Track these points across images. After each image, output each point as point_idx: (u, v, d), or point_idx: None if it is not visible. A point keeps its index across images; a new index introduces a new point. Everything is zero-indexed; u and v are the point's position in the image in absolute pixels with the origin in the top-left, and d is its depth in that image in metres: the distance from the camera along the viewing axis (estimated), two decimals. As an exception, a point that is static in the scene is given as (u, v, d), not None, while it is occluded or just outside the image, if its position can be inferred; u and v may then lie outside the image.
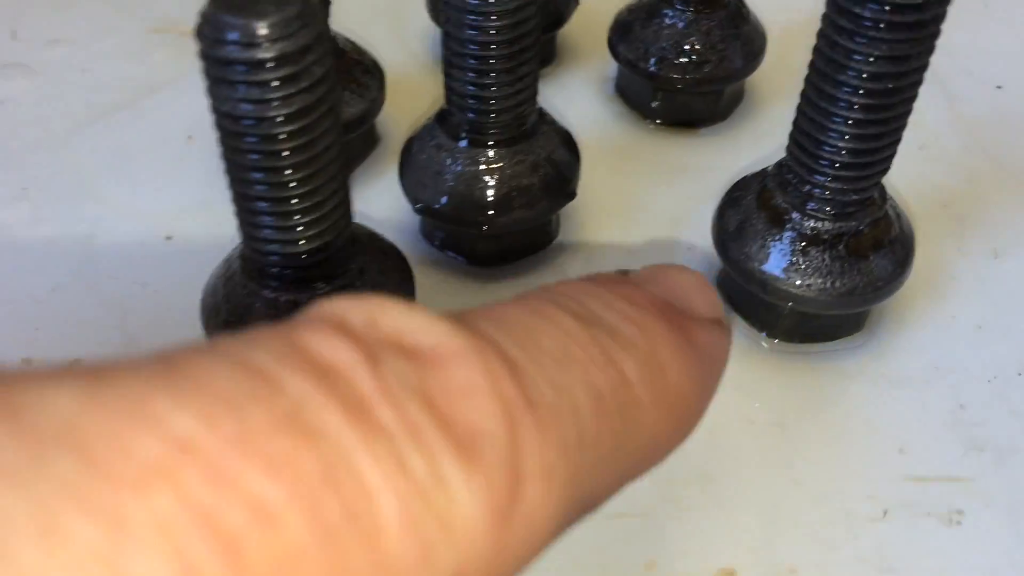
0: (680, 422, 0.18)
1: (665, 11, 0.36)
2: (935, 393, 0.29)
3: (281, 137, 0.23)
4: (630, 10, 0.38)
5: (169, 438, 0.11)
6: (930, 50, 0.25)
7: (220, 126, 0.23)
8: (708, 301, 0.20)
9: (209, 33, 0.21)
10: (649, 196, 0.36)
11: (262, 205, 0.24)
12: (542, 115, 0.32)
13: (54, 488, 0.10)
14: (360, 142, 0.37)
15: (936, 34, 0.25)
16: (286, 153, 0.23)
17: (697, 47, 0.36)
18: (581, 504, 0.16)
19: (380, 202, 0.36)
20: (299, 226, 0.25)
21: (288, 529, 0.11)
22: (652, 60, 0.36)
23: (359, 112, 0.35)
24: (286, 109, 0.22)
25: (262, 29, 0.21)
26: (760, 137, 0.39)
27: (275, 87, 0.21)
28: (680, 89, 0.37)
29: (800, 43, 0.39)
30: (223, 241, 0.29)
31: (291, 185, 0.24)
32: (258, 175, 0.23)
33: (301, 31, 0.21)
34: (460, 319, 0.15)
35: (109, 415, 0.11)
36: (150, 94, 0.42)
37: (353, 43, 0.36)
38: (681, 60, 0.36)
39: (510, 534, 0.13)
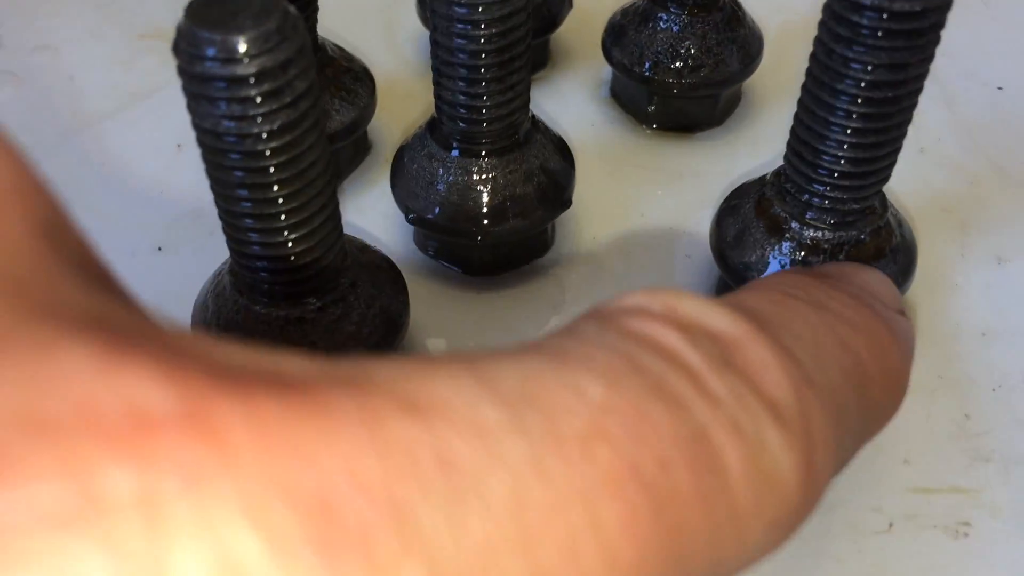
0: (896, 397, 0.20)
1: (659, 15, 0.35)
2: (939, 403, 0.29)
3: (266, 153, 0.22)
4: (623, 13, 0.37)
5: (590, 402, 0.13)
6: (930, 57, 0.25)
7: (202, 142, 0.22)
8: (892, 294, 0.22)
9: (186, 48, 0.20)
10: (645, 203, 0.36)
11: (249, 222, 0.24)
12: (535, 123, 0.31)
13: (536, 441, 0.12)
14: (351, 150, 0.37)
15: (936, 41, 0.25)
16: (272, 169, 0.22)
17: (692, 51, 0.35)
18: (836, 471, 0.18)
19: (373, 211, 0.36)
20: (288, 242, 0.24)
21: (676, 476, 0.13)
22: (647, 64, 0.36)
23: (349, 120, 0.34)
24: (269, 125, 0.21)
25: (241, 44, 0.20)
26: (757, 142, 0.38)
27: (257, 103, 0.21)
28: (676, 94, 0.36)
29: (797, 45, 0.38)
30: (215, 251, 0.28)
31: (278, 201, 0.23)
32: (244, 192, 0.23)
33: (281, 45, 0.20)
34: (725, 304, 0.17)
35: (543, 383, 0.13)
36: (138, 102, 0.41)
37: (342, 50, 0.36)
38: (676, 64, 0.35)
39: (808, 493, 0.15)
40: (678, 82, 0.35)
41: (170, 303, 0.32)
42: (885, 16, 0.24)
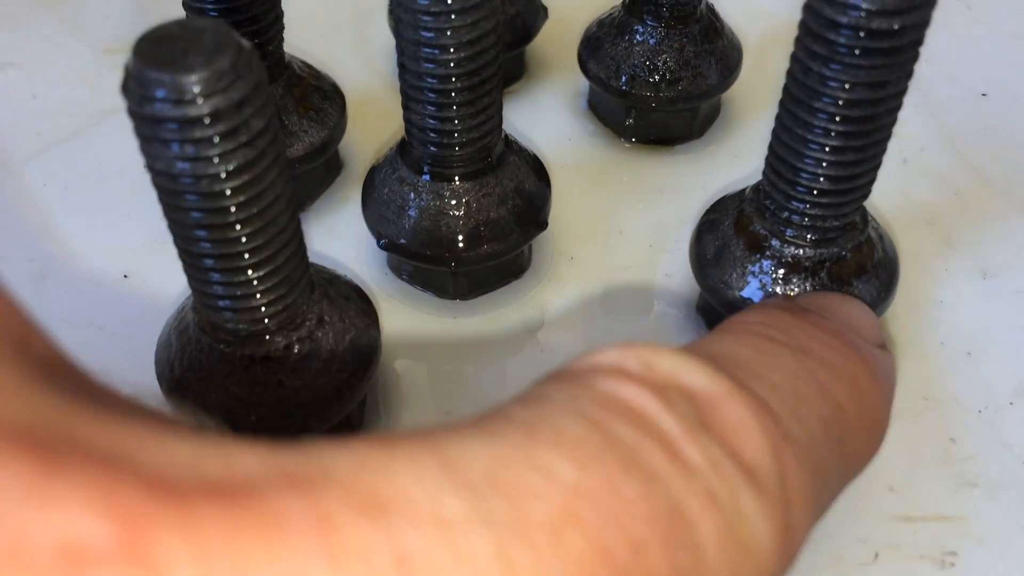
0: (876, 440, 0.20)
1: (636, 27, 0.35)
2: (924, 426, 0.28)
3: (226, 193, 0.21)
4: (600, 24, 0.36)
5: (561, 485, 0.13)
6: (909, 74, 0.24)
7: (157, 184, 0.21)
8: (874, 327, 0.22)
9: (136, 89, 0.19)
10: (624, 219, 0.35)
11: (210, 262, 0.23)
12: (508, 143, 0.30)
13: (502, 532, 0.12)
14: (322, 170, 0.36)
15: (915, 57, 0.24)
16: (233, 209, 0.22)
17: (670, 64, 0.34)
18: (814, 524, 0.17)
19: (344, 233, 0.35)
20: (253, 281, 0.23)
21: (650, 558, 0.13)
22: (623, 78, 0.35)
23: (319, 141, 0.33)
24: (226, 165, 0.20)
25: (193, 85, 0.19)
26: (738, 153, 0.37)
27: (212, 144, 0.20)
28: (654, 108, 0.35)
29: (778, 53, 0.37)
30: (182, 278, 0.28)
31: (241, 241, 0.22)
32: (203, 232, 0.22)
33: (236, 83, 0.20)
34: (702, 357, 0.16)
35: (511, 466, 0.13)
36: (104, 119, 0.40)
37: (310, 67, 0.35)
38: (654, 78, 0.34)
39: (784, 555, 0.15)
40: (656, 96, 0.35)
41: (136, 334, 0.32)
42: (862, 34, 0.23)
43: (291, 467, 0.12)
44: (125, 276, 0.34)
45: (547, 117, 0.39)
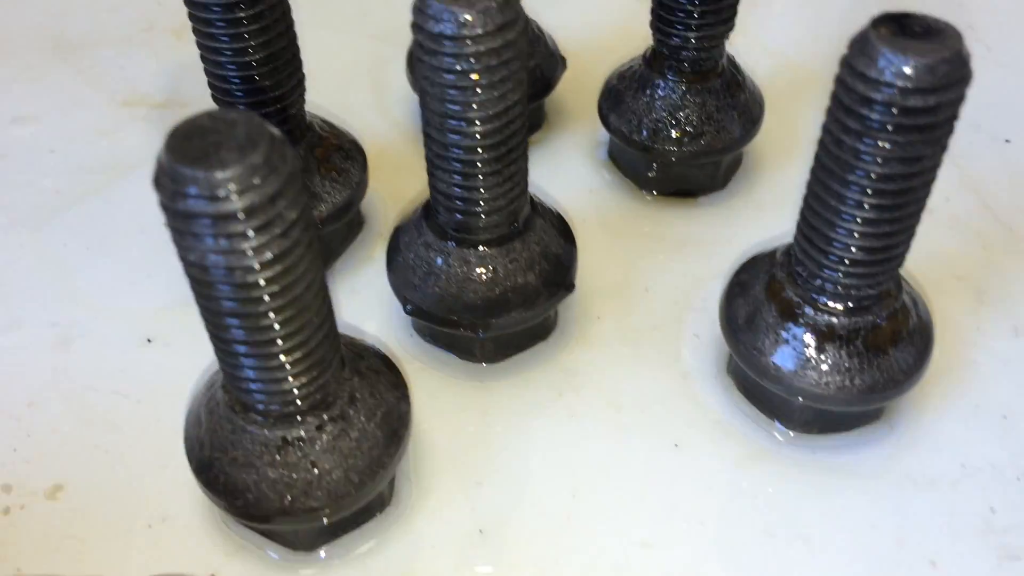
0: None
1: (657, 81, 0.34)
2: (964, 495, 0.28)
3: (259, 284, 0.21)
4: (620, 77, 0.36)
5: None
6: (944, 147, 0.24)
7: (190, 275, 0.21)
8: None
9: (168, 184, 0.19)
10: (650, 275, 0.35)
11: (242, 348, 0.23)
12: (534, 205, 0.30)
13: None
14: (344, 228, 0.35)
15: (950, 132, 0.24)
16: (266, 298, 0.21)
17: (692, 119, 0.34)
18: None
19: (367, 292, 0.34)
20: (285, 365, 0.23)
21: None
22: (645, 132, 0.35)
23: (343, 201, 0.33)
24: (260, 258, 0.20)
25: (227, 182, 0.19)
26: (762, 204, 0.37)
27: (246, 238, 0.20)
28: (676, 162, 0.35)
29: (799, 102, 0.37)
30: (206, 342, 0.27)
31: (274, 328, 0.22)
32: (235, 321, 0.22)
33: (269, 177, 0.19)
34: None
35: None
36: (124, 175, 0.40)
37: (331, 125, 0.35)
38: (676, 133, 0.34)
39: None
40: (679, 150, 0.34)
41: (162, 401, 0.31)
42: (895, 111, 0.23)
43: None
44: (148, 340, 0.33)
45: (567, 167, 0.39)
